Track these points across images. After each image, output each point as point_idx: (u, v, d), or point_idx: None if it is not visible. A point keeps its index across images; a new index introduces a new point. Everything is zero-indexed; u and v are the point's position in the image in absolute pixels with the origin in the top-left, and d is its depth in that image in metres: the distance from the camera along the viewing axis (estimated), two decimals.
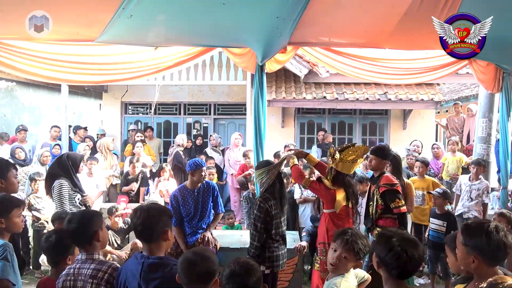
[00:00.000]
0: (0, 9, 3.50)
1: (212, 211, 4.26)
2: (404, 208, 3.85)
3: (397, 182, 3.94)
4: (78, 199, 4.51)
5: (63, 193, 4.34)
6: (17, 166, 6.54)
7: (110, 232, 5.09)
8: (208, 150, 8.37)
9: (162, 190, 6.59)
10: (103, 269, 2.14)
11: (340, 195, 3.62)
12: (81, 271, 2.18)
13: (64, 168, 4.41)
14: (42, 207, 5.43)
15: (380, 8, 3.97)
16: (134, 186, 6.51)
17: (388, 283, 1.90)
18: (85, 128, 8.72)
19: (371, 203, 4.01)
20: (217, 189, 4.33)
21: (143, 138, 8.38)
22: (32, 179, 5.58)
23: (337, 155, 3.57)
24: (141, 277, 2.02)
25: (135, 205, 6.27)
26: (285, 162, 3.91)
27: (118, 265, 2.22)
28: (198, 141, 9.00)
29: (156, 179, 7.01)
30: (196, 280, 1.88)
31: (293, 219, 5.78)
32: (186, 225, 4.12)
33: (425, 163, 5.65)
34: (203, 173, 4.06)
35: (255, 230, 3.48)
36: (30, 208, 5.40)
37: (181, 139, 8.22)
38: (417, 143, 7.25)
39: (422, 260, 1.91)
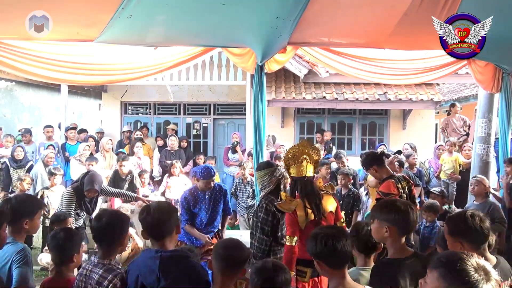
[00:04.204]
0: (0, 9, 3.50)
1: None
2: None
3: (395, 193, 3.58)
4: (77, 214, 4.49)
5: (68, 202, 4.37)
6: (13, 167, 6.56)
7: None
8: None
9: (171, 186, 6.68)
10: (108, 278, 2.13)
11: (300, 210, 3.12)
12: (92, 274, 2.19)
13: (80, 184, 4.45)
14: (51, 201, 5.42)
15: (380, 8, 3.97)
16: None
17: (332, 275, 2.00)
18: (75, 128, 8.38)
19: None
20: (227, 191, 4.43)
21: (141, 136, 8.33)
22: (51, 173, 5.59)
23: (282, 162, 3.39)
24: (160, 271, 2.08)
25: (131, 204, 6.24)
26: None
27: (123, 273, 2.22)
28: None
29: (166, 175, 7.04)
30: (232, 265, 2.04)
31: None
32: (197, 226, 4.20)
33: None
34: (209, 185, 4.08)
35: (263, 233, 3.25)
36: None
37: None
38: (406, 146, 7.10)
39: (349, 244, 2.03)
